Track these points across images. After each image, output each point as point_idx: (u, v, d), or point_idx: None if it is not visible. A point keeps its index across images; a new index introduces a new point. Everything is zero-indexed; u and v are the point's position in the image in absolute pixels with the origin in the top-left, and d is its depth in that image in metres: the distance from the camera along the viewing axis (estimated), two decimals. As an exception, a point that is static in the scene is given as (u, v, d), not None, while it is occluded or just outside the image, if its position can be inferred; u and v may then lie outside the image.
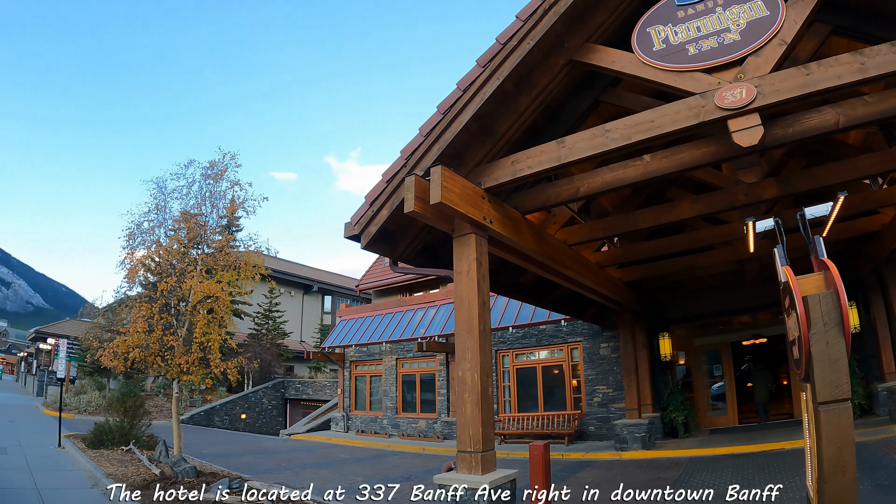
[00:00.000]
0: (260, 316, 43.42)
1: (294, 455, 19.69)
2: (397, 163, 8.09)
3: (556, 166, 7.11)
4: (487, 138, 7.73)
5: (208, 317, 13.90)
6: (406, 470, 15.69)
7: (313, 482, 12.71)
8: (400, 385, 26.81)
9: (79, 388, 36.98)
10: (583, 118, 8.97)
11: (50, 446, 16.99)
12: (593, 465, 14.71)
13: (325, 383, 37.60)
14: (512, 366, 22.17)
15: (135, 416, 17.64)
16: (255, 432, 34.81)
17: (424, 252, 9.58)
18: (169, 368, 13.64)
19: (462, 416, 7.32)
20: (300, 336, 51.23)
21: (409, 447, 22.00)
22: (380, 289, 33.32)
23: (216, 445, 21.93)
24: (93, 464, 13.58)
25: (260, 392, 38.61)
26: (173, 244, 14.49)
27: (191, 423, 32.83)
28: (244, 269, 14.39)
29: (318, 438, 27.05)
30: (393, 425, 26.10)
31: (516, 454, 16.30)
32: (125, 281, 14.39)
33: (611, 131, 6.70)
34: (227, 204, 14.85)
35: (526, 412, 21.19)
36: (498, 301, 21.68)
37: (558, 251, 10.27)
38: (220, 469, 13.91)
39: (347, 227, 8.71)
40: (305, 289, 54.88)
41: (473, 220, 7.41)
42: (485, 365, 7.38)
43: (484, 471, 7.08)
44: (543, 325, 21.01)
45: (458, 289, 7.69)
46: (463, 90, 7.36)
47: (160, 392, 36.63)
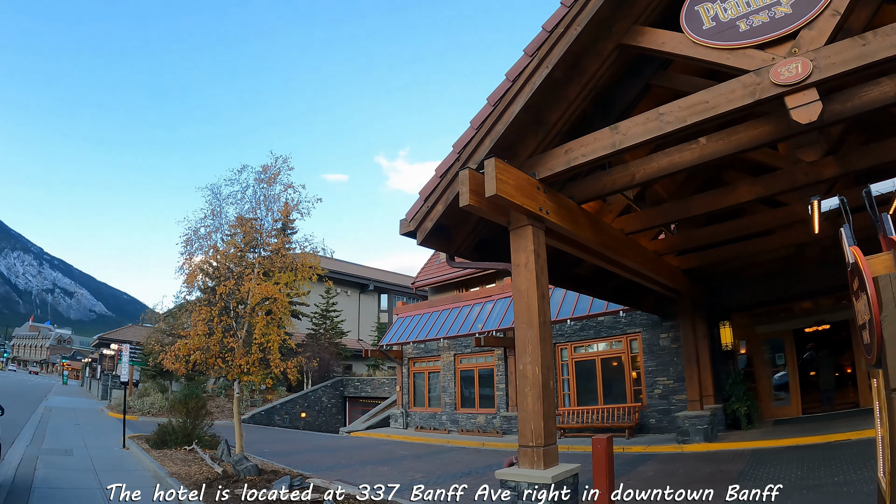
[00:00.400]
0: (318, 316, 43.78)
1: (353, 452, 19.78)
2: (450, 157, 8.04)
3: (610, 153, 6.95)
4: (539, 128, 7.62)
5: (267, 318, 14.02)
6: (465, 466, 15.60)
7: (372, 479, 12.74)
8: (458, 381, 26.75)
9: (142, 390, 37.76)
10: (634, 103, 8.78)
11: (115, 447, 17.42)
12: (654, 459, 14.47)
13: (383, 381, 37.79)
14: (571, 359, 21.91)
15: (197, 416, 17.92)
16: (314, 430, 35.07)
17: (481, 246, 9.54)
18: (229, 369, 13.80)
19: (523, 411, 7.24)
20: (358, 335, 51.57)
21: (468, 443, 21.91)
22: (436, 285, 33.34)
23: (277, 444, 22.19)
24: (156, 463, 13.83)
25: (319, 391, 38.96)
26: (230, 248, 14.65)
27: (252, 422, 33.24)
28: (301, 270, 14.48)
29: (378, 435, 27.13)
30: (452, 421, 26.06)
31: (577, 448, 16.07)
32: (184, 286, 14.66)
33: (665, 114, 6.52)
34: (282, 207, 14.95)
35: (585, 405, 20.91)
36: (555, 293, 21.41)
37: (615, 240, 10.10)
38: (281, 467, 14.02)
39: (403, 224, 8.70)
40: (362, 288, 55.26)
41: (529, 211, 7.33)
42: (545, 358, 7.31)
43: (546, 465, 7.00)
44: (602, 317, 20.71)
45: (516, 281, 7.60)
46: (512, 81, 7.27)
47: (221, 393, 37.17)
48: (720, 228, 12.61)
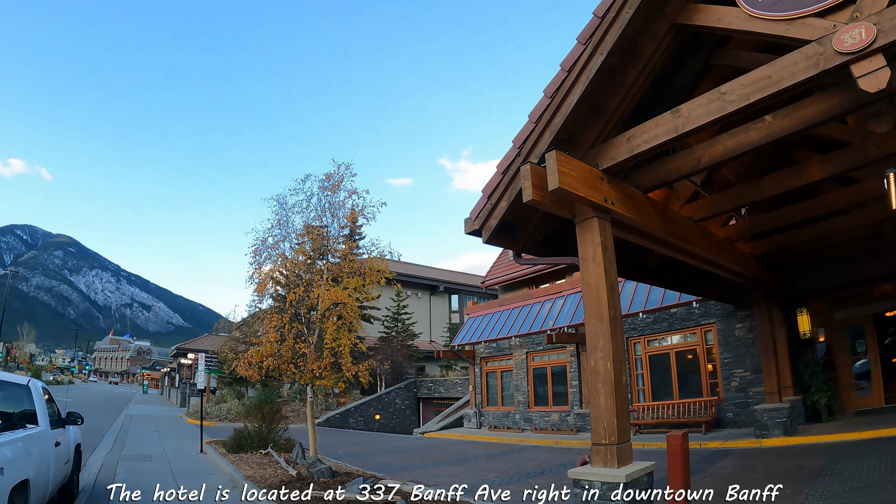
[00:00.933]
0: (389, 319, 44.10)
1: (427, 453, 19.80)
2: (510, 153, 7.96)
3: (673, 138, 6.74)
4: (599, 117, 7.46)
5: (338, 323, 14.13)
6: (539, 465, 15.46)
7: (446, 479, 12.71)
8: (531, 379, 26.57)
9: (219, 397, 38.62)
10: (695, 84, 8.55)
11: (192, 452, 17.80)
12: (732, 455, 14.09)
13: (456, 381, 37.87)
14: (644, 352, 21.48)
15: (272, 421, 18.22)
16: (388, 432, 35.34)
17: (547, 241, 9.41)
18: (302, 374, 13.98)
19: (596, 408, 7.08)
20: (430, 336, 51.79)
21: (542, 441, 21.74)
22: (505, 283, 33.19)
23: (351, 446, 22.38)
24: (232, 467, 14.10)
25: (393, 393, 39.24)
26: (298, 256, 14.88)
27: (326, 425, 33.65)
28: (369, 274, 14.59)
29: (451, 436, 27.15)
30: (525, 420, 25.90)
31: (652, 445, 15.81)
32: (255, 295, 15.00)
33: (727, 93, 6.25)
34: (347, 213, 15.11)
35: (660, 400, 20.46)
36: (626, 286, 21.03)
37: (684, 228, 9.83)
38: (354, 469, 14.09)
39: (467, 223, 8.65)
40: (432, 289, 55.51)
41: (594, 203, 7.17)
42: (617, 353, 7.12)
43: (620, 464, 6.82)
44: (674, 309, 20.21)
45: (584, 275, 7.46)
46: (567, 70, 7.13)
47: (296, 397, 37.66)
48: (792, 210, 12.14)
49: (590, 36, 6.92)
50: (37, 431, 7.81)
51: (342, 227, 15.45)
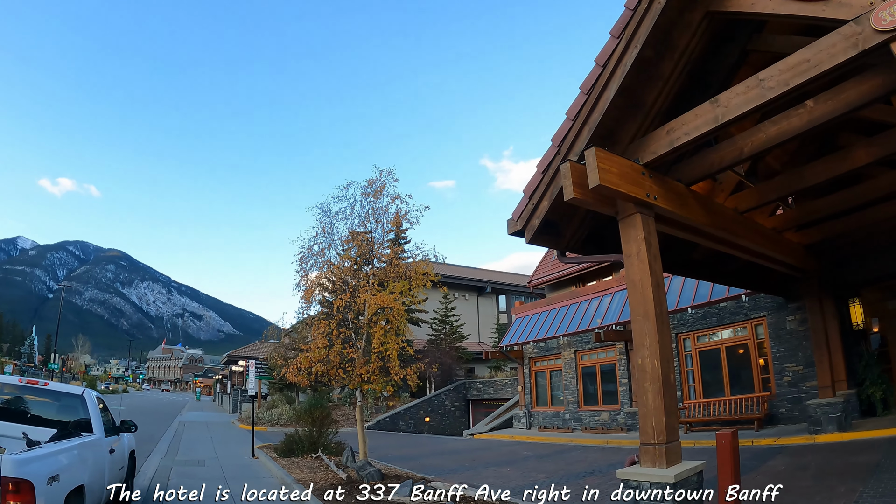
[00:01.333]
0: (437, 322, 44.12)
1: (477, 454, 19.74)
2: (550, 151, 7.93)
3: (714, 128, 6.63)
4: (637, 111, 7.38)
5: (385, 327, 14.20)
6: (589, 465, 15.35)
7: (495, 481, 12.68)
8: (580, 378, 26.40)
9: (270, 402, 38.99)
10: (733, 72, 8.35)
11: (244, 457, 18.07)
12: (784, 452, 13.82)
13: (505, 382, 37.78)
14: (694, 349, 21.15)
15: (322, 425, 18.34)
16: (438, 434, 35.37)
17: (591, 239, 9.34)
18: (350, 379, 14.05)
19: (644, 407, 7.00)
20: (478, 337, 51.72)
21: (592, 441, 21.60)
22: (552, 282, 32.95)
23: (400, 449, 22.41)
24: (283, 471, 14.23)
25: (442, 395, 39.28)
26: (344, 262, 14.98)
27: (376, 428, 33.78)
28: (415, 278, 14.62)
29: (501, 437, 27.09)
30: (575, 419, 25.73)
31: (703, 443, 15.56)
32: (302, 302, 15.20)
33: (765, 80, 6.11)
34: (391, 218, 15.15)
35: (711, 397, 20.09)
36: (673, 282, 20.75)
37: (730, 220, 9.67)
38: (404, 471, 14.13)
39: (510, 224, 8.65)
40: (479, 290, 55.43)
41: (636, 198, 7.11)
42: (664, 350, 7.02)
43: (669, 463, 6.72)
44: (723, 303, 19.79)
45: (629, 272, 7.39)
46: (602, 66, 7.08)
47: (346, 401, 37.89)
48: (840, 197, 11.73)
49: (623, 29, 6.85)
50: (91, 439, 8.02)
51: (387, 232, 15.50)
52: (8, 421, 8.30)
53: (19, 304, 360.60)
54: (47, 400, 9.01)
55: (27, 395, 8.95)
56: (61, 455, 6.50)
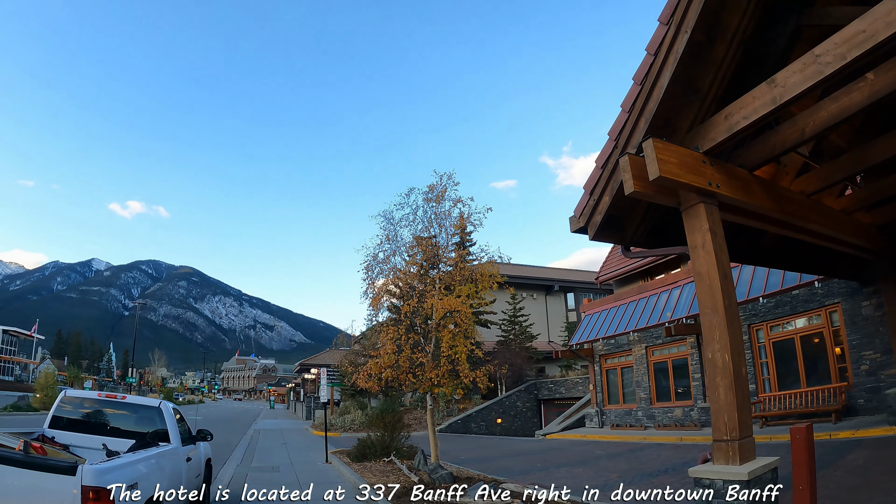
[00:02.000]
0: (506, 322, 44.05)
1: (549, 455, 19.68)
2: (607, 146, 7.85)
3: (772, 110, 6.36)
4: (693, 98, 7.21)
5: (453, 330, 14.26)
6: (663, 463, 15.20)
7: (568, 481, 12.60)
8: (652, 374, 26.07)
9: (343, 408, 39.52)
10: (788, 50, 8.01)
11: (318, 462, 18.29)
12: (863, 445, 13.41)
13: (576, 380, 37.56)
14: (767, 339, 20.63)
15: (394, 429, 18.51)
16: (510, 435, 35.31)
17: (655, 232, 9.17)
18: (420, 383, 14.17)
19: (715, 402, 6.82)
20: (547, 337, 51.53)
21: (666, 438, 21.35)
22: (619, 277, 32.65)
23: (472, 451, 22.43)
24: (356, 475, 14.42)
25: (513, 396, 39.22)
26: (410, 268, 15.11)
27: (448, 431, 33.91)
28: (481, 280, 14.69)
29: (573, 436, 26.93)
30: (648, 416, 25.41)
31: (780, 438, 15.18)
32: (370, 309, 15.34)
33: (822, 55, 5.84)
34: (454, 222, 15.26)
35: (787, 390, 19.55)
36: (743, 271, 20.33)
37: (796, 204, 9.36)
38: (475, 473, 14.17)
39: (572, 221, 8.59)
40: (547, 289, 55.23)
41: (698, 188, 6.94)
42: (735, 343, 6.81)
43: (742, 460, 6.53)
44: (795, 290, 19.23)
45: (695, 264, 7.23)
46: (654, 54, 6.95)
47: (418, 405, 38.16)
48: (910, 172, 11.37)
49: (671, 15, 6.71)
50: (168, 448, 8.32)
51: (451, 235, 15.61)
52: (89, 433, 8.71)
53: (96, 323, 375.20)
54: (125, 412, 9.35)
55: (106, 409, 9.30)
56: (139, 464, 6.76)
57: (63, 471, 5.43)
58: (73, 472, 5.38)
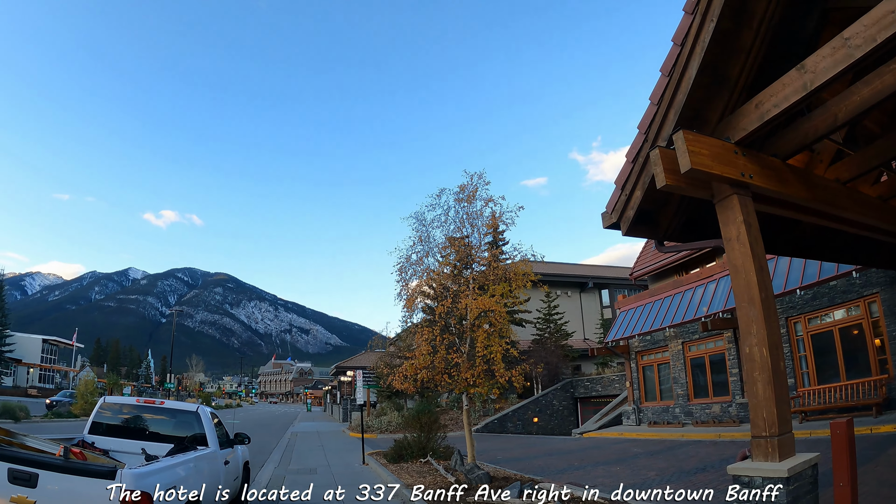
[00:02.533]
0: (540, 321, 44.02)
1: (586, 454, 19.60)
2: (637, 139, 7.80)
3: (803, 96, 6.23)
4: (722, 88, 7.11)
5: (488, 330, 14.25)
6: (700, 461, 15.06)
7: (605, 480, 12.57)
8: (689, 370, 25.82)
9: (379, 410, 39.68)
10: (816, 35, 7.86)
11: (355, 464, 18.43)
12: (904, 439, 13.20)
13: (613, 378, 37.36)
14: (805, 332, 20.32)
15: (430, 430, 18.53)
16: (547, 434, 35.20)
17: (688, 225, 9.07)
18: (456, 384, 14.16)
19: (753, 398, 6.68)
20: (583, 334, 51.37)
21: (704, 435, 21.13)
22: (654, 273, 32.32)
23: (509, 451, 22.37)
24: (393, 476, 14.51)
25: (550, 394, 39.04)
26: (444, 268, 15.14)
27: (485, 431, 33.86)
28: (514, 279, 14.69)
29: (610, 434, 26.78)
30: (685, 413, 25.16)
31: (820, 433, 15.00)
32: (405, 310, 15.39)
33: (851, 38, 5.71)
34: (486, 221, 15.24)
35: (826, 383, 19.23)
36: (779, 263, 20.06)
37: (831, 193, 9.16)
38: (512, 473, 14.11)
39: (604, 217, 8.54)
40: (581, 287, 55.00)
41: (731, 179, 6.82)
42: (772, 337, 6.67)
43: (781, 457, 6.37)
44: (833, 281, 18.89)
45: (730, 257, 7.10)
46: (680, 44, 6.87)
47: (454, 406, 38.18)
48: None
49: (696, 3, 6.62)
50: (207, 452, 8.45)
51: (483, 235, 15.59)
52: (128, 438, 8.91)
53: (134, 331, 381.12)
54: (164, 417, 9.53)
55: (145, 414, 9.51)
56: (178, 468, 6.85)
57: (103, 475, 5.50)
58: (113, 477, 5.45)
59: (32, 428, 23.04)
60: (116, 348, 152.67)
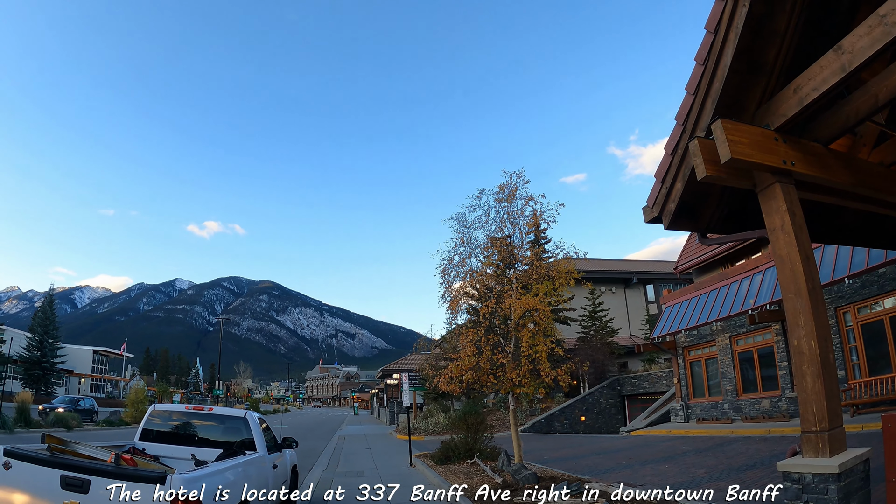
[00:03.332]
0: (585, 318, 43.87)
1: (633, 452, 19.41)
2: (675, 131, 7.72)
3: (842, 79, 6.05)
4: (759, 74, 6.99)
5: (533, 329, 14.21)
6: (750, 457, 14.81)
7: (653, 479, 12.42)
8: (737, 364, 25.39)
9: (426, 412, 39.74)
10: (851, 14, 7.64)
11: (402, 466, 18.47)
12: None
13: (660, 374, 37.03)
14: (855, 322, 19.77)
15: (476, 431, 18.55)
16: (594, 433, 34.98)
17: (731, 216, 8.97)
18: (502, 384, 14.14)
19: (803, 392, 6.54)
20: (628, 330, 50.94)
21: (754, 431, 20.80)
22: (698, 266, 31.79)
23: (556, 450, 22.26)
24: (440, 478, 14.50)
25: (596, 392, 38.83)
26: (487, 269, 15.13)
27: (531, 431, 33.76)
28: (557, 277, 14.63)
29: (658, 432, 26.50)
30: (734, 409, 24.77)
31: (872, 426, 14.60)
32: (449, 312, 15.38)
33: (887, 15, 5.53)
34: (527, 220, 15.20)
35: (878, 375, 18.64)
36: (826, 252, 19.57)
37: (876, 177, 8.90)
38: (559, 472, 14.03)
39: (646, 211, 8.48)
40: (625, 283, 54.71)
41: (773, 167, 6.71)
42: (821, 328, 6.53)
43: (832, 452, 6.22)
44: (882, 268, 18.24)
45: (775, 247, 7.00)
46: (714, 31, 6.77)
47: (500, 406, 38.13)
48: None
49: (728, -11, 6.52)
50: (255, 457, 8.56)
51: (525, 234, 15.54)
52: (178, 444, 9.06)
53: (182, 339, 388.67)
54: (212, 423, 9.68)
55: (194, 420, 9.63)
56: (227, 472, 6.96)
57: (153, 480, 5.60)
58: (163, 482, 5.55)
59: (85, 436, 23.51)
60: (165, 357, 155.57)
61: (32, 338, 64.93)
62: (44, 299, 71.69)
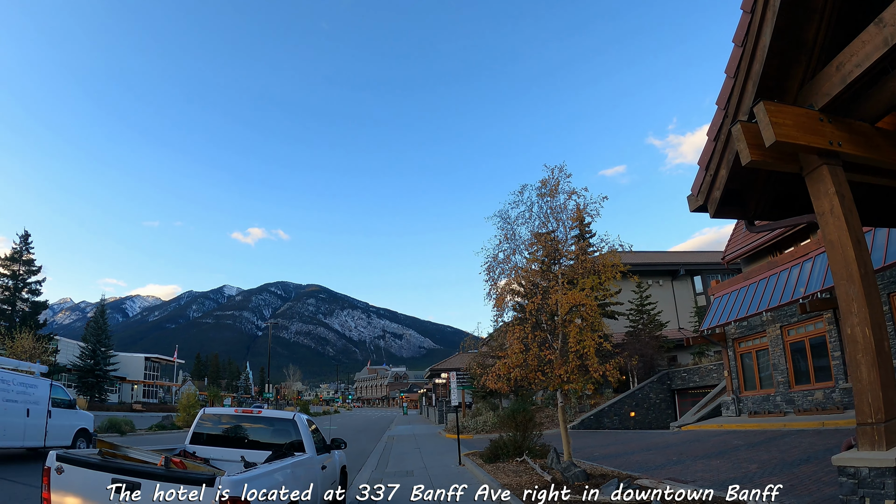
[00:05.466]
0: (633, 312, 43.55)
1: (684, 447, 19.14)
2: (717, 116, 7.57)
3: (886, 52, 5.80)
4: (800, 52, 6.78)
5: (580, 325, 14.09)
6: (804, 451, 14.50)
7: (704, 475, 12.24)
8: (788, 355, 24.80)
9: (475, 410, 39.77)
10: None
11: (451, 465, 18.39)
12: None
13: (710, 367, 36.63)
14: (911, 308, 19.24)
15: (525, 429, 18.52)
16: (644, 428, 34.69)
17: (779, 202, 8.77)
18: (550, 381, 14.02)
19: (857, 382, 6.32)
20: (677, 323, 50.47)
21: (807, 424, 20.35)
22: (746, 255, 31.11)
23: (606, 447, 22.11)
24: (489, 476, 14.39)
25: (646, 387, 38.59)
26: (532, 265, 15.05)
27: (581, 427, 33.61)
28: (603, 271, 14.48)
29: (709, 426, 26.12)
30: (787, 401, 24.23)
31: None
32: (495, 309, 15.34)
33: None
34: (571, 214, 15.06)
35: (940, 363, 18.06)
36: (877, 235, 19.00)
37: (928, 155, 8.69)
38: (609, 469, 13.90)
39: (690, 200, 8.35)
40: (672, 275, 54.15)
41: (819, 148, 6.52)
42: (875, 315, 6.31)
43: (889, 445, 5.97)
44: None
45: (825, 232, 6.79)
46: (750, 11, 6.60)
47: (549, 403, 38.03)
48: None
49: (762, -32, 6.32)
50: (304, 458, 8.62)
51: (569, 229, 15.40)
52: (228, 447, 9.16)
53: (232, 344, 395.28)
54: (262, 426, 9.76)
55: (243, 423, 9.72)
56: (276, 474, 7.01)
57: (202, 482, 5.65)
58: (213, 484, 5.60)
59: (137, 440, 23.90)
60: (216, 362, 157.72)
61: (85, 346, 66.28)
62: (96, 309, 73.13)
